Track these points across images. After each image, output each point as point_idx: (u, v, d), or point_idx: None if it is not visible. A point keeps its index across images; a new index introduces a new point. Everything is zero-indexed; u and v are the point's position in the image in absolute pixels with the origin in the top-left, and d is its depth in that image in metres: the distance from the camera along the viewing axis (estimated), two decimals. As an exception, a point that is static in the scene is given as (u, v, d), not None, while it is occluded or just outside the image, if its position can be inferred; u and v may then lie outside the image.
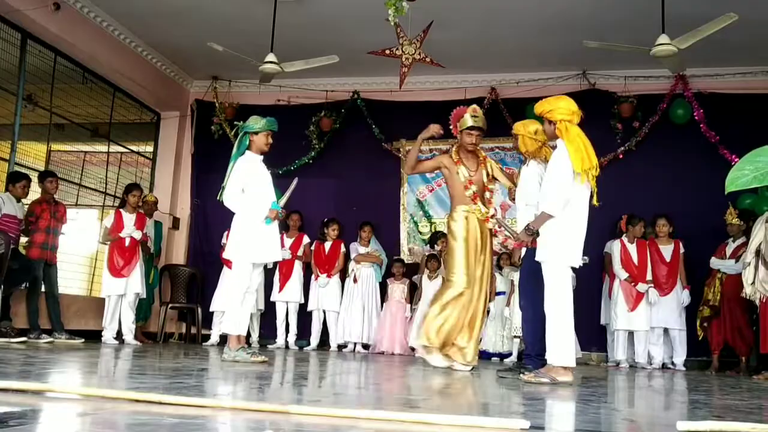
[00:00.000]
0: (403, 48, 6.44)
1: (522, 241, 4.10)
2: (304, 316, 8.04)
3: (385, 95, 8.71)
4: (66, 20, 7.03)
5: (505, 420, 1.93)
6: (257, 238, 4.78)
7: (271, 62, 6.69)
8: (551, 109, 3.98)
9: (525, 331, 4.50)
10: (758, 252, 5.74)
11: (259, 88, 8.36)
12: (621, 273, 7.11)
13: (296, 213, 8.04)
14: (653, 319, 7.06)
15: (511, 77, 8.44)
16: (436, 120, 5.12)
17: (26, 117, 7.44)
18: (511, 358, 7.10)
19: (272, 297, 7.98)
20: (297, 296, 7.96)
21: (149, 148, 9.32)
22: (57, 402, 2.09)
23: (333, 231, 8.03)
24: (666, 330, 7.14)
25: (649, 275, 7.08)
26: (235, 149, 4.89)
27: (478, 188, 5.02)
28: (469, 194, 4.97)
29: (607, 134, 8.02)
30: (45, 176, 6.73)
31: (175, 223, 9.15)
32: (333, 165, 8.76)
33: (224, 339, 5.58)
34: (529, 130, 4.48)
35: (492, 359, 7.32)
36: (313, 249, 8.09)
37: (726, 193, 1.98)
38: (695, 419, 2.22)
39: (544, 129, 4.17)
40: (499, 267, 7.52)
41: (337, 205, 8.65)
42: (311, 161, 8.77)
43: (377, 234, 8.23)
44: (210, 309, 8.00)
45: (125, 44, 7.99)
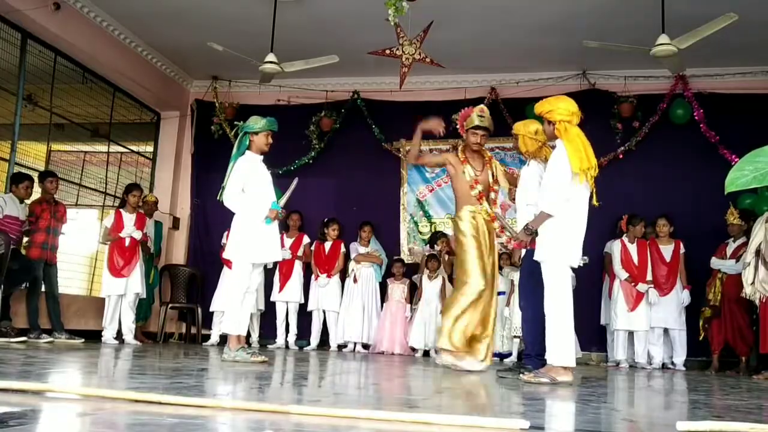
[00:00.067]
0: (403, 48, 6.44)
1: (522, 241, 4.10)
2: (304, 316, 8.04)
3: (385, 95, 8.71)
4: (66, 20, 7.03)
5: (505, 420, 1.93)
6: (257, 238, 4.78)
7: (271, 62, 6.69)
8: (551, 110, 3.98)
9: (525, 331, 4.49)
10: (758, 252, 5.75)
11: (259, 88, 8.36)
12: (621, 273, 7.11)
13: (296, 213, 8.05)
14: (653, 319, 7.06)
15: (511, 77, 8.44)
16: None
17: (26, 117, 7.43)
18: (511, 358, 7.10)
19: (272, 297, 7.98)
20: (297, 296, 7.97)
21: (149, 148, 9.32)
22: (57, 402, 2.09)
23: (333, 231, 8.03)
24: (666, 330, 7.15)
25: (650, 275, 7.09)
26: (235, 149, 4.89)
27: (484, 188, 5.02)
28: (475, 194, 4.96)
29: (607, 134, 8.03)
30: (45, 176, 6.73)
31: (175, 223, 9.15)
32: (333, 165, 8.75)
33: (224, 339, 5.58)
34: (530, 130, 4.47)
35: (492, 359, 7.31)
36: (313, 249, 8.09)
37: (726, 194, 1.99)
38: (695, 419, 2.22)
39: (544, 129, 4.17)
40: (499, 267, 7.49)
41: (337, 205, 8.64)
42: (311, 161, 8.77)
43: (377, 234, 8.23)
44: (210, 309, 8.00)
45: (125, 44, 7.99)
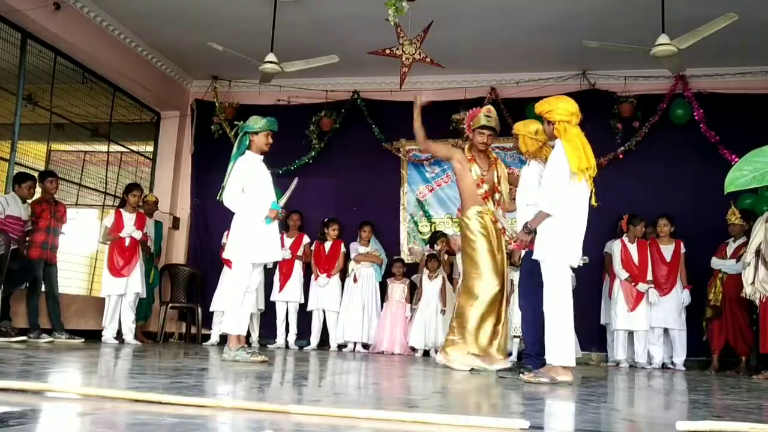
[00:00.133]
0: (403, 48, 6.44)
1: (522, 242, 4.10)
2: (304, 316, 8.04)
3: (385, 95, 8.70)
4: (66, 20, 7.03)
5: (505, 420, 1.93)
6: (257, 238, 4.78)
7: (271, 62, 6.69)
8: (550, 110, 3.98)
9: (525, 331, 4.49)
10: (758, 252, 5.75)
11: (259, 88, 8.36)
12: (621, 273, 7.11)
13: (296, 213, 8.05)
14: (653, 319, 7.06)
15: (511, 77, 8.44)
16: (436, 120, 5.12)
17: (26, 117, 7.43)
18: (511, 358, 7.08)
19: (272, 297, 7.98)
20: (297, 296, 7.97)
21: (149, 148, 9.32)
22: (57, 402, 2.09)
23: (333, 231, 8.03)
24: (666, 330, 7.15)
25: (650, 275, 7.09)
26: (235, 149, 4.89)
27: (489, 188, 5.02)
28: (481, 192, 4.96)
29: (607, 134, 8.03)
30: (45, 176, 6.73)
31: (175, 223, 9.15)
32: (333, 165, 8.75)
33: (224, 339, 5.59)
34: (530, 130, 4.47)
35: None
36: (313, 249, 8.09)
37: (725, 194, 1.99)
38: (695, 419, 2.22)
39: (544, 129, 4.18)
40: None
41: (337, 205, 8.64)
42: (311, 161, 8.77)
43: (377, 234, 8.23)
44: (210, 309, 8.00)
45: (125, 44, 7.99)
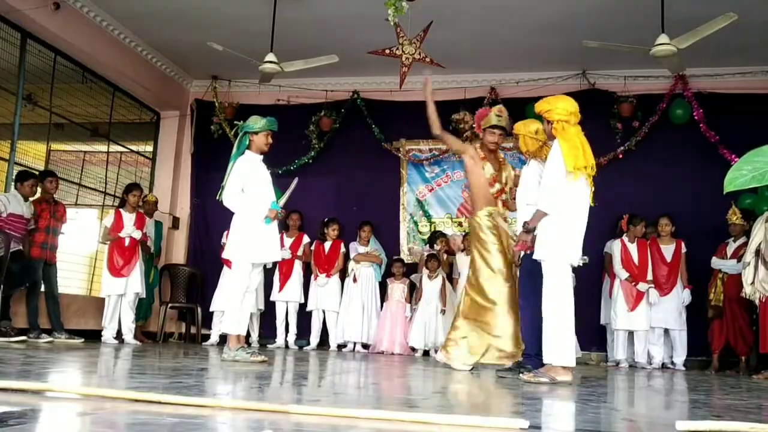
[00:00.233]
0: (403, 48, 6.43)
1: (523, 242, 4.09)
2: (304, 316, 8.04)
3: (385, 95, 8.70)
4: (66, 20, 7.03)
5: (505, 420, 1.93)
6: (257, 238, 4.78)
7: (271, 62, 6.69)
8: (549, 109, 3.98)
9: (525, 331, 4.49)
10: (758, 252, 5.75)
11: (259, 88, 8.36)
12: (621, 273, 7.11)
13: (296, 213, 8.05)
14: (653, 319, 7.06)
15: (511, 77, 8.44)
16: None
17: (26, 117, 7.43)
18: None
19: (272, 297, 7.98)
20: (297, 296, 7.97)
21: (149, 148, 9.32)
22: (57, 402, 2.09)
23: (333, 231, 8.03)
24: (666, 330, 7.15)
25: (650, 275, 7.09)
26: (235, 149, 4.89)
27: (501, 188, 5.01)
28: (494, 191, 4.95)
29: (607, 134, 8.03)
30: (45, 176, 6.73)
31: (175, 223, 9.15)
32: (333, 165, 8.75)
33: (224, 339, 5.58)
34: (530, 130, 4.47)
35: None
36: (313, 249, 8.09)
37: (725, 193, 1.98)
38: (695, 419, 2.22)
39: (544, 128, 4.18)
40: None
41: (337, 205, 8.64)
42: (311, 161, 8.77)
43: (377, 234, 8.23)
44: (210, 309, 8.00)
45: (125, 44, 7.99)
